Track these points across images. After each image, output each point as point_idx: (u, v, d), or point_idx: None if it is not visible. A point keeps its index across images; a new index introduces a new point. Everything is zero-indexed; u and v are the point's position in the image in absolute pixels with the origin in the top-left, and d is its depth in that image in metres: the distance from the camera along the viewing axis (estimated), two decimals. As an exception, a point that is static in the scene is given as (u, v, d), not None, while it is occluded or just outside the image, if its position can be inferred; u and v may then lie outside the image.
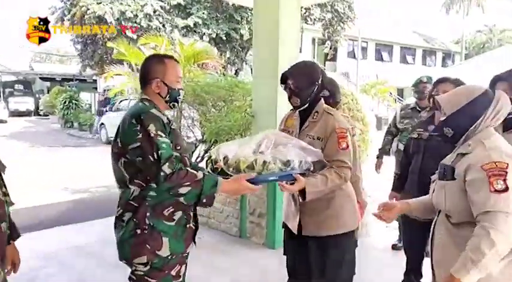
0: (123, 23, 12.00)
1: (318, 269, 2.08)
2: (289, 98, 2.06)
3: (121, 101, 12.25)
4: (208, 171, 1.79)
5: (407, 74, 26.12)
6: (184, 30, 12.71)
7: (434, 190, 1.63)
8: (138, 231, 1.63)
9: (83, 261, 3.51)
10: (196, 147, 5.06)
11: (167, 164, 1.56)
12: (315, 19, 14.22)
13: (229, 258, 3.63)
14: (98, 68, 13.90)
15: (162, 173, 1.55)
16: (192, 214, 1.77)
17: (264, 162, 1.67)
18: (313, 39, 23.52)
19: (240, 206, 3.98)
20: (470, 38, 35.76)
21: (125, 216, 1.67)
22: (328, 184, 1.90)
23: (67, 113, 17.73)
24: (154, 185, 1.60)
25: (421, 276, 2.92)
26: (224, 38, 13.08)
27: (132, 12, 12.17)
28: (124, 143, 1.65)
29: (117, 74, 6.05)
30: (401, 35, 30.09)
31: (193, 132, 5.37)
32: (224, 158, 1.73)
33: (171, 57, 1.85)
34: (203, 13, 12.92)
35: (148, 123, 1.61)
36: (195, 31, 12.93)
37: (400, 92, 25.62)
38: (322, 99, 2.08)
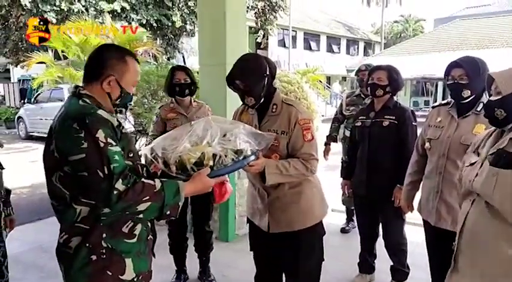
0: (39, 6, 10.88)
1: (290, 262, 2.04)
2: (243, 99, 1.92)
3: (38, 94, 11.26)
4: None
5: (333, 63, 27.32)
6: (110, 15, 11.88)
7: (477, 175, 1.43)
8: (94, 257, 1.37)
9: (20, 275, 3.12)
10: (136, 140, 4.77)
11: (121, 180, 1.29)
12: (247, 7, 14.13)
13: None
14: (12, 56, 12.52)
15: (115, 191, 1.28)
16: (149, 225, 1.57)
17: (214, 155, 1.47)
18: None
19: (190, 199, 3.82)
20: (388, 27, 38.18)
21: (71, 241, 1.38)
22: (290, 169, 1.83)
23: (-24, 107, 15.85)
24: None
25: (374, 256, 3.04)
26: (155, 25, 12.48)
27: (50, -6, 11.07)
28: (63, 153, 1.33)
29: (40, 62, 5.45)
30: (327, 25, 31.21)
31: (130, 122, 5.07)
32: (161, 158, 1.48)
33: (132, 54, 1.55)
34: (131, -3, 12.18)
35: (97, 128, 1.31)
36: (121, 16, 12.15)
37: (328, 80, 26.66)
38: (278, 89, 1.99)
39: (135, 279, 1.45)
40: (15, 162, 7.98)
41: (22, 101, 13.38)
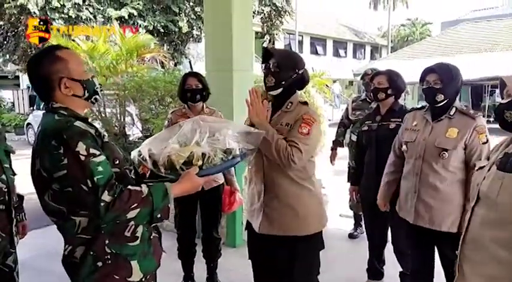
0: (48, 13, 11.02)
1: (285, 272, 2.01)
2: (265, 77, 1.96)
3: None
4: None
5: (339, 67, 27.29)
6: (118, 21, 12.00)
7: (485, 178, 1.42)
8: (99, 263, 1.37)
9: (30, 281, 3.14)
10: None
11: (106, 191, 1.28)
12: (253, 12, 14.19)
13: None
14: (22, 63, 12.67)
15: (102, 203, 1.27)
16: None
17: (203, 154, 1.46)
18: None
19: (197, 205, 3.82)
20: (395, 31, 38.06)
21: (76, 252, 1.38)
22: (275, 138, 1.81)
23: (-14, 114, 16.05)
24: None
25: (383, 262, 3.01)
26: (162, 31, 12.58)
27: (58, 1, 11.21)
28: (47, 172, 1.32)
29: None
30: (334, 29, 31.23)
31: (138, 128, 5.13)
32: (150, 159, 1.47)
33: (58, 46, 1.48)
34: (138, 4, 12.29)
35: (75, 142, 1.29)
36: (129, 23, 12.27)
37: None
38: (298, 92, 2.02)
39: (143, 279, 1.46)
40: (24, 168, 8.05)
41: (31, 108, 13.51)
